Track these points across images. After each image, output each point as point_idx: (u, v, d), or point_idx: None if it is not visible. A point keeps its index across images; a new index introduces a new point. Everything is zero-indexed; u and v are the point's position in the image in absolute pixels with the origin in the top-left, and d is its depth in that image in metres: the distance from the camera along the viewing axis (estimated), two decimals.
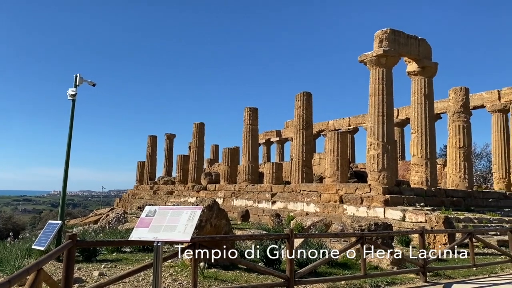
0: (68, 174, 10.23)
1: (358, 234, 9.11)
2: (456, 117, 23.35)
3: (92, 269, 8.39)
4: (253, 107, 30.81)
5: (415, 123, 21.38)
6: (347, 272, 8.90)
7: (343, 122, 39.18)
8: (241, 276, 8.09)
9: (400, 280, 8.77)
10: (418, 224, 15.41)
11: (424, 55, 21.69)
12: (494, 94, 28.42)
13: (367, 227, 11.36)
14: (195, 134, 36.08)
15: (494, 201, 22.40)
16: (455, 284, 8.73)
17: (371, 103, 20.34)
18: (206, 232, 8.45)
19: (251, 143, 30.03)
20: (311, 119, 26.39)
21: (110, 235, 12.06)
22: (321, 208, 21.30)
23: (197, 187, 33.86)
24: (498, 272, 10.26)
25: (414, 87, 21.83)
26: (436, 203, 19.43)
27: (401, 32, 20.89)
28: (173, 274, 8.07)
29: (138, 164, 46.26)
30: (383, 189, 19.02)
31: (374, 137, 19.98)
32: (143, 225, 5.89)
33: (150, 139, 44.77)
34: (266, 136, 47.14)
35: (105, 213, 23.09)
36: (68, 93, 10.47)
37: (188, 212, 5.84)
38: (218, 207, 8.89)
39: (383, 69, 20.29)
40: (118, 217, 16.92)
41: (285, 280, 7.11)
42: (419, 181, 20.93)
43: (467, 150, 23.21)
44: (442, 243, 12.58)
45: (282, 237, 8.02)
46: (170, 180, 40.76)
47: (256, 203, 26.46)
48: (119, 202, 45.19)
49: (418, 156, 21.10)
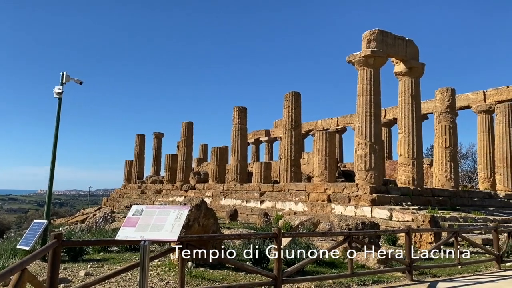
0: (54, 173, 10.12)
1: (345, 233, 9.17)
2: (443, 117, 23.61)
3: (78, 269, 8.32)
4: (242, 107, 30.80)
5: (402, 123, 21.58)
6: (335, 271, 8.95)
7: (331, 122, 39.36)
8: (229, 275, 8.09)
9: (387, 279, 8.85)
10: (404, 223, 15.56)
11: (411, 56, 21.90)
12: (480, 95, 28.81)
13: (354, 226, 11.44)
14: (183, 133, 35.93)
15: (479, 201, 22.72)
16: (441, 282, 8.83)
17: (359, 103, 20.48)
18: (193, 231, 8.43)
19: (240, 143, 30.02)
20: (299, 119, 26.48)
21: (97, 235, 11.97)
22: (309, 207, 21.39)
23: (186, 187, 33.74)
24: (482, 270, 10.41)
25: (401, 88, 22.03)
26: (422, 202, 19.65)
27: (388, 33, 21.06)
28: (160, 273, 8.04)
29: (126, 163, 45.93)
30: (371, 189, 19.17)
31: (362, 137, 20.12)
32: (129, 225, 5.86)
33: (138, 138, 44.48)
34: (255, 136, 47.17)
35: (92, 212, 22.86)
36: (55, 91, 10.36)
37: (175, 211, 5.82)
38: (206, 207, 8.87)
39: (371, 69, 20.44)
40: (105, 217, 16.78)
41: (272, 279, 7.12)
42: (406, 181, 21.13)
43: (453, 150, 23.50)
44: (428, 242, 12.72)
45: (270, 236, 8.04)
46: (158, 179, 40.55)
47: (244, 202, 26.46)
48: (107, 202, 44.82)
49: (405, 156, 21.30)
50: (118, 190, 46.02)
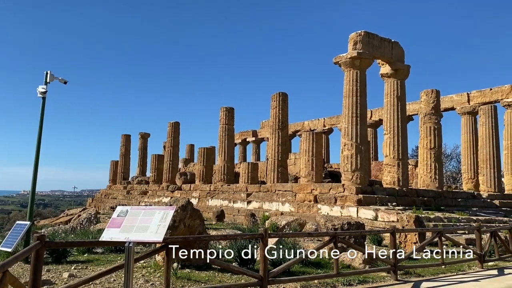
0: (38, 173, 9.98)
1: (331, 233, 9.22)
2: (427, 118, 23.89)
3: (61, 271, 8.21)
4: (229, 107, 30.76)
5: (388, 124, 21.79)
6: (320, 271, 8.99)
7: (318, 122, 39.55)
8: (215, 276, 8.07)
9: (372, 279, 8.92)
10: (390, 223, 15.70)
11: (397, 57, 22.12)
12: (464, 97, 29.25)
13: (340, 226, 11.51)
14: (170, 134, 35.73)
15: (463, 201, 23.04)
16: (425, 282, 8.94)
17: (345, 104, 20.62)
18: (179, 232, 8.39)
19: (227, 143, 29.97)
20: (286, 120, 26.55)
21: (81, 236, 11.83)
22: (296, 208, 21.45)
23: (172, 187, 33.55)
24: (465, 270, 10.57)
25: (387, 89, 22.23)
26: (407, 202, 19.85)
27: (375, 35, 21.24)
28: (145, 275, 7.98)
29: (112, 163, 45.52)
30: (357, 189, 19.30)
31: (348, 138, 20.25)
32: (114, 226, 5.80)
33: (123, 138, 44.12)
34: (242, 136, 47.14)
35: (77, 213, 22.60)
36: (38, 91, 10.21)
37: (160, 212, 5.78)
38: (192, 207, 8.83)
39: (357, 71, 20.58)
40: (90, 218, 16.60)
41: (258, 280, 7.12)
42: (391, 181, 21.33)
43: (437, 151, 23.79)
44: (413, 242, 12.86)
45: (256, 236, 8.04)
46: (144, 180, 40.26)
47: (231, 203, 26.42)
48: (92, 202, 44.34)
49: (390, 157, 21.50)
50: (103, 190, 45.58)
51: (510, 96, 27.00)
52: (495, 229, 12.24)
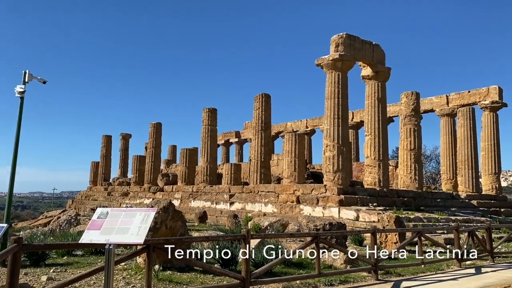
0: (15, 174, 9.78)
1: (313, 234, 9.27)
2: (408, 120, 24.26)
3: (40, 274, 8.06)
4: (212, 108, 30.69)
5: (369, 126, 22.05)
6: (302, 272, 9.03)
7: (301, 124, 39.76)
8: (197, 278, 8.04)
9: (353, 279, 9.00)
10: (371, 223, 15.89)
11: (378, 60, 22.41)
12: (443, 99, 29.81)
13: (322, 226, 11.59)
14: (152, 134, 35.46)
15: (442, 201, 23.47)
16: (405, 281, 9.06)
17: (327, 106, 20.79)
18: (161, 234, 8.33)
19: (210, 144, 29.89)
20: (269, 121, 26.62)
21: (61, 238, 11.62)
22: (279, 209, 21.52)
23: (154, 188, 33.28)
24: (444, 269, 10.76)
25: (368, 91, 22.50)
26: (388, 203, 20.12)
27: (356, 37, 21.48)
28: (126, 277, 7.89)
29: (92, 164, 44.92)
30: (338, 190, 19.47)
31: (330, 139, 20.42)
32: (94, 227, 5.73)
33: (104, 139, 43.59)
34: (225, 137, 47.08)
35: (56, 215, 22.17)
36: (16, 90, 10.01)
37: (142, 214, 5.74)
38: (174, 209, 8.78)
39: (339, 73, 20.78)
40: (70, 220, 16.34)
41: (240, 281, 7.12)
42: (372, 182, 21.58)
43: (417, 152, 24.18)
44: (393, 242, 13.03)
45: (238, 238, 8.03)
46: (125, 181, 39.84)
47: (214, 204, 26.35)
48: (72, 204, 43.64)
49: (371, 158, 21.75)
50: (84, 192, 44.95)
51: (488, 99, 27.64)
52: (473, 229, 12.49)
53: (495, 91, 27.49)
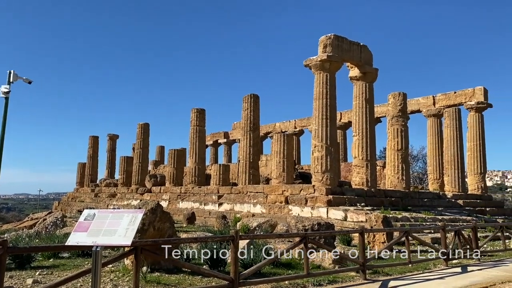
0: (0, 175, 9.63)
1: (301, 234, 9.29)
2: (395, 121, 24.46)
3: (25, 277, 7.94)
4: (200, 108, 30.58)
5: (357, 126, 22.18)
6: (291, 272, 9.05)
7: (289, 124, 39.85)
8: (185, 279, 7.99)
9: (341, 279, 9.04)
10: (359, 223, 15.98)
11: (365, 61, 22.56)
12: (430, 100, 30.13)
13: (311, 227, 11.62)
14: (139, 135, 35.21)
15: (429, 201, 23.71)
16: (392, 280, 9.13)
17: (316, 107, 20.87)
18: (149, 235, 8.27)
19: (198, 145, 29.78)
20: (258, 121, 26.62)
21: (47, 240, 11.48)
22: (267, 209, 21.52)
23: (141, 190, 33.04)
24: (431, 268, 10.87)
25: (356, 92, 22.64)
26: (376, 203, 20.26)
27: (344, 38, 21.60)
28: (114, 279, 7.82)
29: (79, 165, 44.45)
30: (327, 190, 19.55)
31: (318, 140, 20.50)
32: (81, 229, 5.67)
33: (91, 139, 43.16)
34: (214, 138, 46.96)
35: (42, 217, 21.84)
36: (1, 91, 9.87)
37: (129, 215, 5.69)
38: (161, 210, 8.72)
39: (327, 73, 20.87)
40: (56, 221, 16.11)
41: (229, 282, 7.10)
42: (360, 182, 21.72)
43: (404, 152, 24.39)
44: (381, 241, 13.13)
45: (227, 239, 8.01)
46: (112, 182, 39.50)
47: (202, 205, 26.26)
48: (58, 206, 43.11)
49: (359, 158, 21.89)
50: (70, 193, 44.45)
51: (473, 99, 28.01)
52: (459, 228, 12.64)
53: (480, 92, 27.87)
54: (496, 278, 9.56)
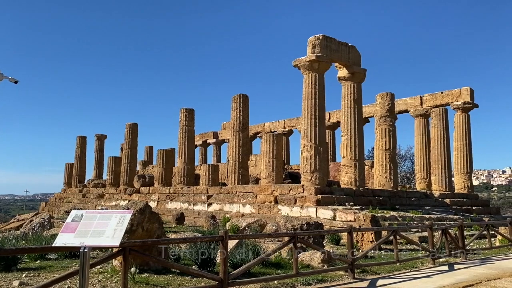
0: None
1: (290, 233, 9.31)
2: (383, 121, 24.65)
3: (12, 279, 7.84)
4: (189, 108, 30.48)
5: (345, 126, 22.31)
6: (280, 272, 9.07)
7: (278, 124, 39.91)
8: (174, 280, 7.97)
9: (330, 278, 9.09)
10: (347, 222, 16.08)
11: (353, 61, 22.70)
12: (417, 100, 30.42)
13: (300, 226, 11.66)
14: (127, 135, 34.97)
15: (416, 200, 23.95)
16: (381, 279, 9.21)
17: (305, 107, 20.94)
18: (137, 236, 8.22)
19: (187, 145, 29.68)
20: (247, 121, 26.62)
21: (33, 242, 11.34)
22: (257, 209, 21.54)
23: (130, 190, 32.82)
24: (418, 267, 10.98)
25: (344, 92, 22.77)
26: (364, 202, 20.41)
27: (332, 39, 21.70)
28: (102, 280, 7.76)
29: (66, 166, 44.01)
30: (315, 190, 19.63)
31: (307, 139, 20.57)
32: (68, 230, 5.62)
33: (79, 140, 42.77)
34: (203, 138, 46.83)
35: (29, 218, 21.56)
36: None
37: (117, 216, 5.66)
38: (150, 210, 8.68)
39: (316, 74, 20.96)
40: (43, 223, 15.94)
41: (218, 282, 7.10)
42: (348, 182, 21.84)
43: (392, 152, 24.59)
44: (370, 240, 13.24)
45: (216, 239, 8.00)
46: (100, 183, 39.17)
47: (191, 205, 26.17)
48: (45, 207, 42.65)
49: (347, 158, 22.02)
50: (57, 194, 43.98)
51: (460, 99, 28.35)
52: (446, 227, 12.78)
53: (466, 92, 28.21)
54: (482, 276, 9.69)
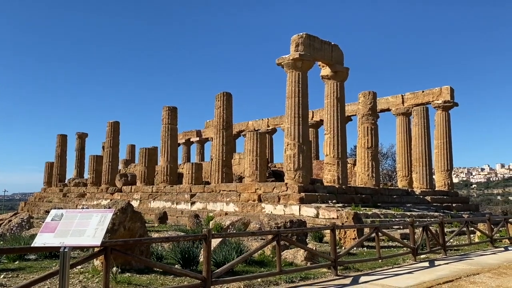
0: None
1: (274, 231, 9.32)
2: (365, 119, 24.89)
3: None
4: (172, 106, 30.24)
5: (328, 125, 22.46)
6: (264, 270, 9.07)
7: (262, 122, 39.96)
8: (157, 279, 7.90)
9: (313, 275, 9.13)
10: (330, 220, 16.20)
11: (336, 60, 22.85)
12: (399, 99, 30.81)
13: (283, 224, 11.68)
14: (109, 134, 34.53)
15: (398, 198, 24.27)
16: (363, 276, 9.29)
17: (288, 105, 21.00)
18: (119, 235, 8.12)
19: (170, 143, 29.46)
20: (231, 120, 26.56)
21: (12, 242, 11.11)
22: (240, 208, 21.52)
23: (112, 189, 32.43)
24: (400, 263, 11.12)
25: (327, 91, 22.91)
26: (346, 200, 20.58)
27: (316, 37, 21.80)
28: (83, 280, 7.64)
29: (47, 165, 43.23)
30: (299, 188, 19.72)
31: (291, 138, 20.64)
32: (48, 230, 5.51)
33: (59, 138, 42.04)
34: (186, 136, 46.56)
35: (7, 218, 21.11)
36: None
37: (98, 215, 5.57)
38: (132, 209, 8.59)
39: (299, 72, 21.03)
40: (22, 223, 15.63)
41: (201, 281, 7.06)
42: (331, 180, 22.00)
43: (374, 150, 24.86)
44: (352, 238, 13.35)
45: (199, 238, 7.95)
46: (82, 182, 38.61)
47: (175, 204, 26.00)
48: (25, 206, 41.82)
49: (330, 156, 22.17)
50: (37, 194, 43.18)
51: (440, 98, 28.81)
52: (427, 224, 12.98)
53: (447, 91, 28.69)
54: (462, 271, 9.87)
